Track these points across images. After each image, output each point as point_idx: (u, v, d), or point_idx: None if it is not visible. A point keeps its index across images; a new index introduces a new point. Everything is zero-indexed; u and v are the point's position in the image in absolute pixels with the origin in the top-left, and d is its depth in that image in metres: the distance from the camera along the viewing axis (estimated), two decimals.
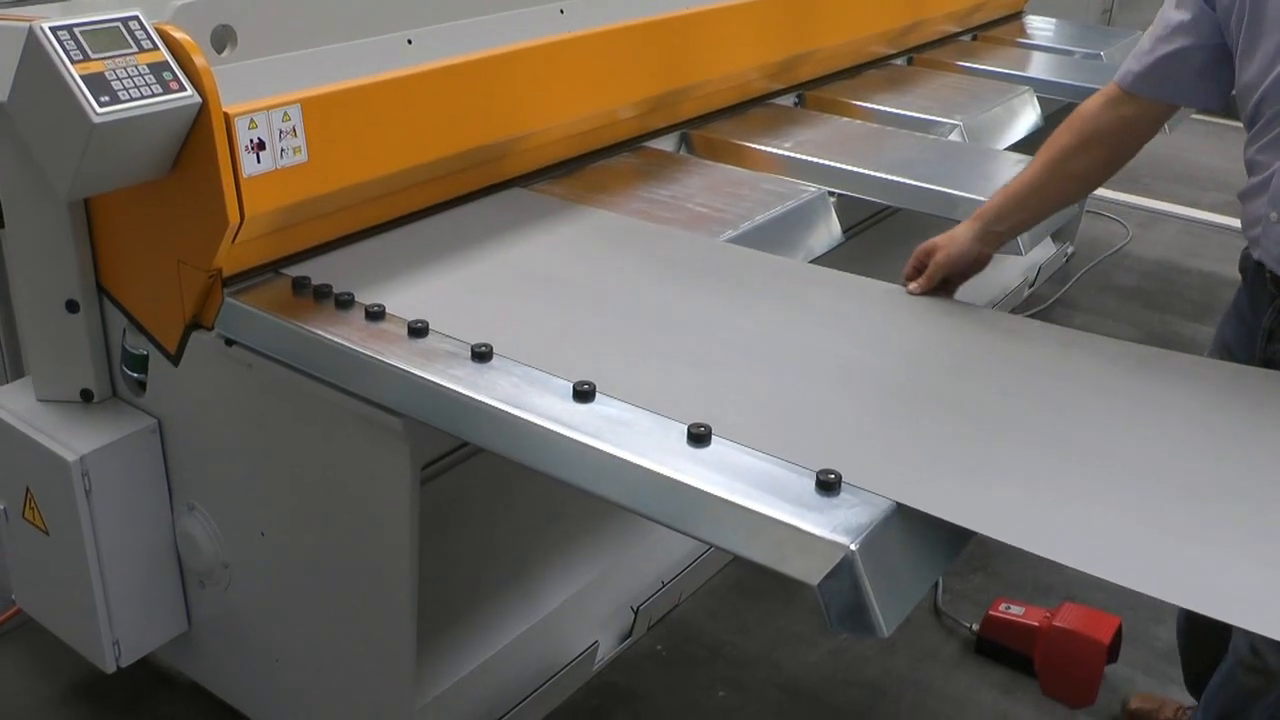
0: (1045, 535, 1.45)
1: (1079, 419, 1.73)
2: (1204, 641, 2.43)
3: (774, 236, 2.46)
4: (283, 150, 1.96)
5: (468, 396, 1.70)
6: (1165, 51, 1.97)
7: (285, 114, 1.95)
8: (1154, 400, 1.81)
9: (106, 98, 1.76)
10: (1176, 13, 1.97)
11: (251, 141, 1.91)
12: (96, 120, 1.75)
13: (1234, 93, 1.95)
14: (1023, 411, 1.75)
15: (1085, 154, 2.06)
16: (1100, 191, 5.56)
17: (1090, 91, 2.16)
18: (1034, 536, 1.44)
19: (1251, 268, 2.04)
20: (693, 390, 1.74)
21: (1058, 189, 2.11)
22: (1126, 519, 1.51)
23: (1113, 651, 2.73)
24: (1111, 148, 2.07)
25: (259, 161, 1.92)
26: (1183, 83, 1.99)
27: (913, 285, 2.14)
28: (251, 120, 1.91)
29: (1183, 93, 2.01)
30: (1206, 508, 1.54)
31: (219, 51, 2.18)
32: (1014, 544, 1.43)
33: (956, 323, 2.04)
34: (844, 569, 1.37)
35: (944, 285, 2.14)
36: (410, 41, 2.52)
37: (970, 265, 2.13)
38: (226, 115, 1.87)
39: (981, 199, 2.60)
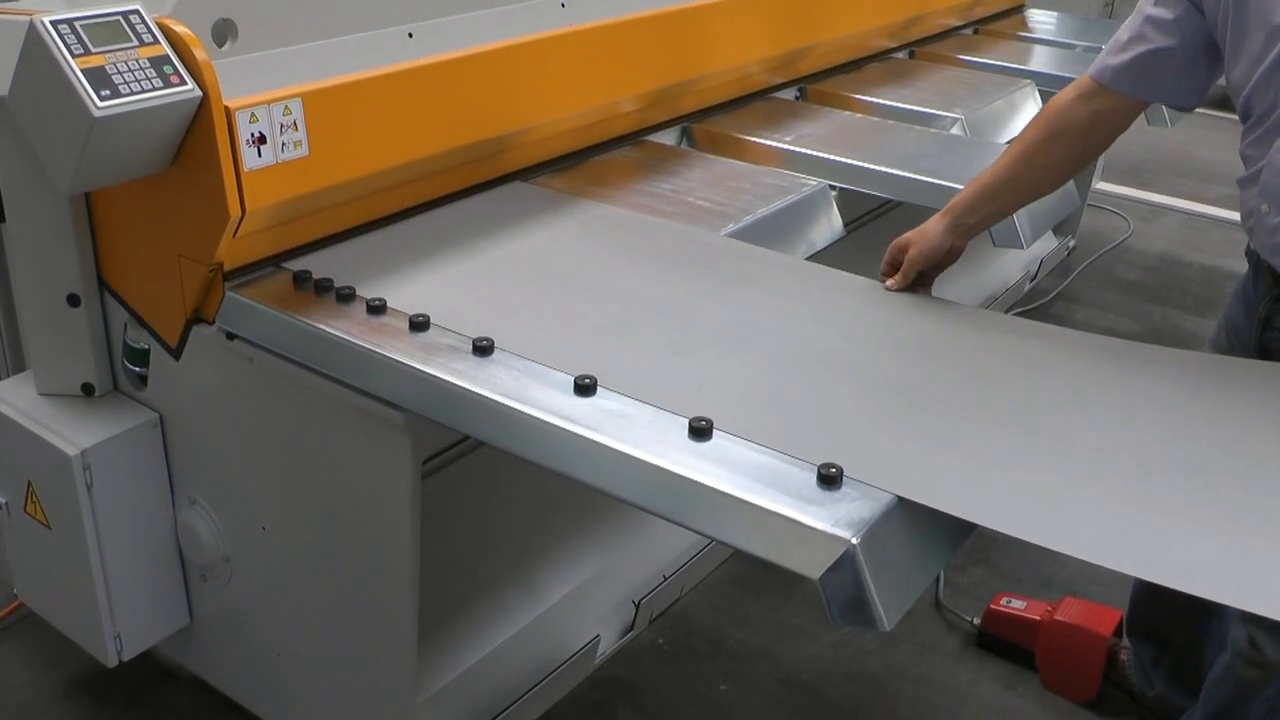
0: (1047, 526, 1.46)
1: (1079, 413, 1.74)
2: (1161, 595, 2.49)
3: (775, 230, 2.46)
4: (284, 144, 1.96)
5: (469, 390, 1.70)
6: (1145, 50, 1.97)
7: (286, 108, 1.95)
8: (1149, 393, 1.82)
9: (107, 91, 1.76)
10: (1157, 10, 1.97)
11: (252, 135, 1.91)
12: (97, 114, 1.75)
13: (1226, 90, 1.96)
14: (1023, 406, 1.75)
15: (1056, 147, 2.07)
16: (1102, 185, 5.58)
17: None
18: (1036, 527, 1.45)
19: (1254, 254, 2.06)
20: (694, 384, 1.75)
21: (1029, 181, 2.11)
22: (1127, 508, 1.51)
23: None
24: (1082, 141, 2.07)
25: (260, 155, 1.92)
26: (1161, 81, 2.00)
27: (890, 282, 2.13)
28: (253, 114, 1.90)
29: (1160, 91, 2.02)
30: (1207, 495, 1.55)
31: (220, 45, 2.18)
32: (1016, 535, 1.43)
33: (956, 320, 2.04)
34: (845, 563, 1.38)
35: (920, 280, 2.14)
36: (411, 35, 2.51)
37: (944, 258, 2.13)
38: (227, 109, 1.87)
39: None
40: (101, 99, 1.75)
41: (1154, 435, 1.69)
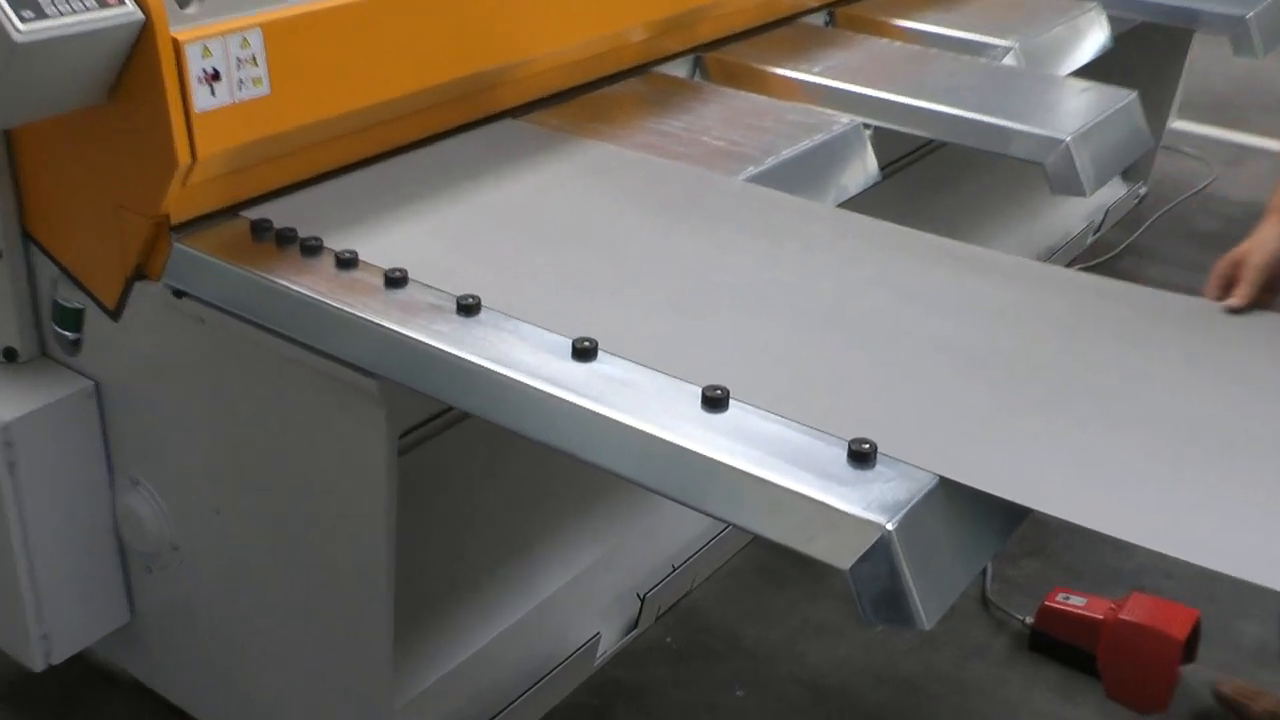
0: (1111, 510, 1.46)
1: (1151, 383, 1.74)
2: None
3: (801, 174, 2.46)
4: (240, 81, 1.95)
5: (452, 355, 1.71)
6: None
7: (244, 40, 1.94)
8: (1234, 363, 1.81)
9: (30, 12, 1.74)
10: None
11: (204, 72, 1.90)
12: (18, 39, 1.73)
13: None
14: (1084, 374, 1.75)
15: None
16: (1180, 125, 5.52)
17: (1170, 10, 2.10)
18: (1097, 512, 1.45)
19: None
20: (708, 348, 1.75)
21: None
22: (1206, 492, 1.51)
23: (1189, 650, 2.73)
24: None
25: (213, 94, 1.92)
26: None
27: (1233, 300, 2.01)
28: (205, 47, 1.90)
29: None
30: None
31: (183, 7, 2.16)
32: (1074, 521, 1.43)
33: (1008, 275, 2.04)
34: (879, 551, 1.38)
35: (1267, 290, 2.02)
36: None
37: None
38: (175, 42, 1.86)
39: (1039, 132, 2.60)
40: (23, 21, 1.74)
41: (1238, 411, 1.68)
